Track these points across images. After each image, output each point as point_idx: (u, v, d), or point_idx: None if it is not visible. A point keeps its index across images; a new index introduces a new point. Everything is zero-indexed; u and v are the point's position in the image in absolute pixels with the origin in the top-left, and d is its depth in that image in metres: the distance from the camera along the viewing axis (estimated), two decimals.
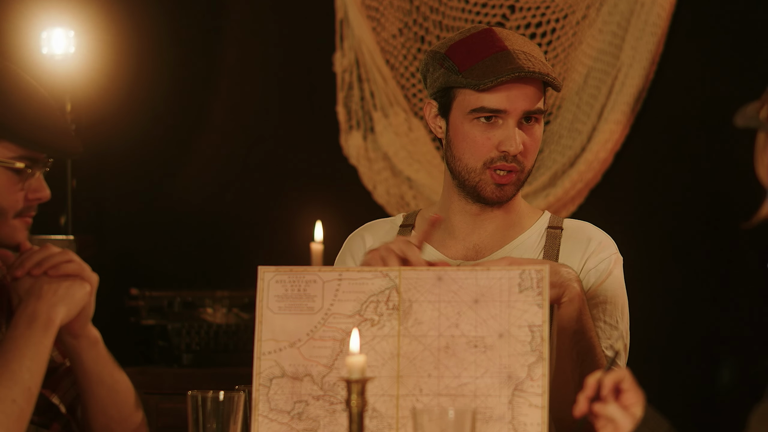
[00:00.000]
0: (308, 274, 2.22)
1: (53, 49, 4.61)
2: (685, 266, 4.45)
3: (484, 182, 2.52)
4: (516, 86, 2.48)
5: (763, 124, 1.74)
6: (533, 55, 2.51)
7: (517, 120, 2.50)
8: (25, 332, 2.16)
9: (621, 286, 2.57)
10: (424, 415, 1.90)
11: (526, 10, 4.64)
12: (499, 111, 2.49)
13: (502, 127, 2.50)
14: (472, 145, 2.51)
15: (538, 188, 4.57)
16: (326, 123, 4.78)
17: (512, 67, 2.46)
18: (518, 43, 2.53)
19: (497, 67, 2.47)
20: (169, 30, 4.90)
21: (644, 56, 4.47)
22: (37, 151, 2.25)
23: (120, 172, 4.92)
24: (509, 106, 2.49)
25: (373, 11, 4.73)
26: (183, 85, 4.91)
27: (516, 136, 2.49)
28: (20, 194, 2.25)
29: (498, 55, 2.49)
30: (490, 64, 2.48)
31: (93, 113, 4.77)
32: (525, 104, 2.49)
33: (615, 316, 2.54)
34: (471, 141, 2.51)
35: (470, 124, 2.51)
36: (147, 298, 4.56)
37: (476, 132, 2.51)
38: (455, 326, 2.15)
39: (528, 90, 2.50)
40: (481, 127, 2.51)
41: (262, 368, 2.19)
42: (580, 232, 2.59)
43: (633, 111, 4.51)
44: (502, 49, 2.50)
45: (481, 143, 2.51)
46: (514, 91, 2.48)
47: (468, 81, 2.49)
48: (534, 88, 2.50)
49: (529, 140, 2.52)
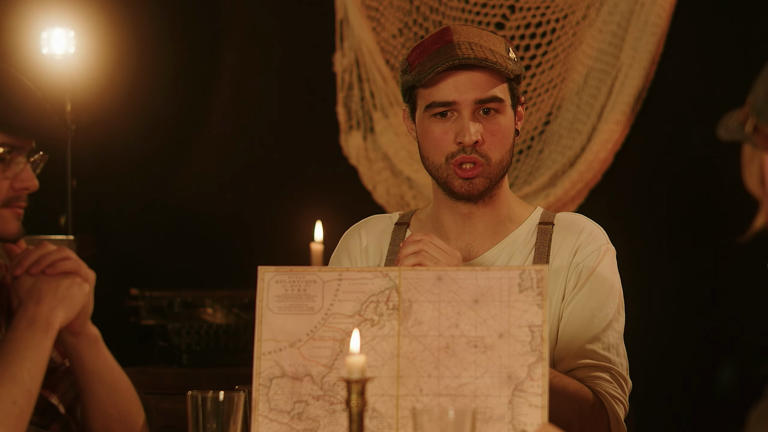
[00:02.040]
0: (308, 274, 2.22)
1: (53, 49, 4.61)
2: (685, 266, 4.45)
3: (451, 177, 2.54)
4: (462, 76, 2.50)
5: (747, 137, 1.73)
6: (480, 45, 2.51)
7: (471, 111, 2.51)
8: (25, 334, 2.16)
9: (612, 276, 2.56)
10: (424, 415, 1.90)
11: (526, 10, 4.64)
12: (450, 103, 2.51)
13: (457, 119, 2.52)
14: (432, 142, 2.54)
15: (538, 188, 4.57)
16: (326, 123, 4.78)
17: (447, 57, 2.48)
18: (469, 35, 2.54)
19: (436, 59, 2.50)
20: (169, 30, 4.90)
21: (644, 56, 4.47)
22: (19, 137, 2.23)
23: (120, 172, 4.92)
24: (458, 96, 2.50)
25: (373, 11, 4.73)
26: (183, 85, 4.91)
27: (469, 126, 2.50)
28: (5, 182, 2.23)
29: (441, 49, 2.51)
30: (431, 58, 2.51)
31: (93, 113, 4.77)
32: (474, 93, 2.50)
33: (606, 309, 2.53)
34: (431, 137, 2.54)
35: (429, 120, 2.54)
36: (147, 298, 4.56)
37: (435, 128, 2.54)
38: (455, 326, 2.15)
39: (476, 78, 2.50)
40: (438, 123, 2.53)
41: (262, 368, 2.19)
42: (571, 225, 2.59)
43: (633, 111, 4.51)
44: (447, 42, 2.52)
45: (439, 138, 2.53)
46: (461, 81, 2.50)
47: (414, 77, 2.53)
48: (484, 75, 2.51)
49: (489, 131, 2.52)
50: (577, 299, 2.53)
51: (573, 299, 2.52)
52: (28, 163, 2.27)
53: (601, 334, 2.51)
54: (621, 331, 2.55)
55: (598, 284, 2.53)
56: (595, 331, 2.51)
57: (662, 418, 4.43)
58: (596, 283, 2.53)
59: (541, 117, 4.62)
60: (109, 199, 4.96)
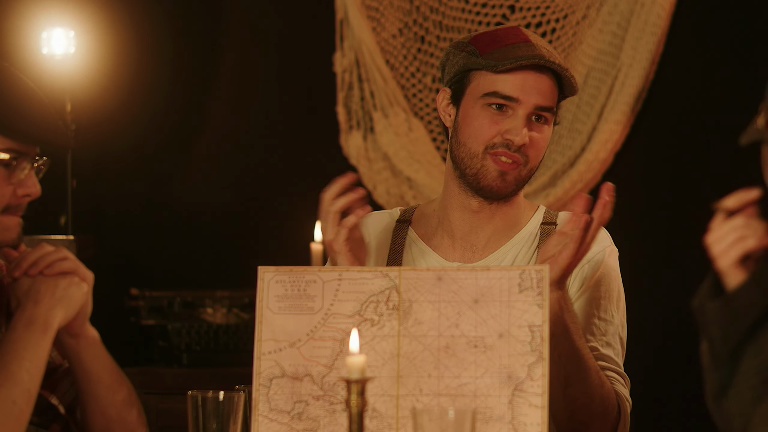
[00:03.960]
0: (308, 274, 2.22)
1: (53, 49, 4.61)
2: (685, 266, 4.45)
3: (486, 168, 2.50)
4: (532, 76, 2.48)
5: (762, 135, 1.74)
6: (554, 54, 2.52)
7: (527, 113, 2.49)
8: (24, 335, 2.16)
9: (616, 279, 2.56)
10: (424, 415, 1.90)
11: (526, 10, 4.64)
12: (511, 99, 2.48)
13: (512, 117, 2.49)
14: (478, 129, 2.50)
15: (538, 188, 4.58)
16: (326, 123, 4.78)
17: (533, 54, 2.47)
18: (542, 40, 2.55)
19: (518, 52, 2.48)
20: (169, 30, 4.90)
21: (644, 56, 4.47)
22: (25, 144, 2.23)
23: (120, 172, 4.92)
24: (522, 95, 2.48)
25: (373, 11, 4.73)
26: (183, 85, 4.91)
27: (523, 127, 2.48)
28: (8, 189, 2.23)
29: (521, 44, 2.50)
30: (511, 49, 2.49)
31: (93, 113, 4.77)
32: (538, 97, 2.49)
33: (610, 310, 2.53)
34: (478, 125, 2.50)
35: (481, 108, 2.50)
36: (147, 298, 4.56)
37: (485, 116, 2.50)
38: (455, 326, 2.15)
39: (543, 83, 2.49)
40: (490, 113, 2.50)
41: (262, 368, 2.19)
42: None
43: (633, 111, 4.51)
44: (525, 40, 2.51)
45: (487, 128, 2.49)
46: (529, 81, 2.48)
47: (487, 62, 2.48)
48: (550, 83, 2.50)
49: (534, 138, 2.50)
50: (582, 300, 2.52)
51: (578, 300, 2.52)
52: (32, 169, 2.26)
53: (605, 335, 2.51)
54: (624, 333, 2.56)
55: (603, 285, 2.53)
56: (599, 332, 2.51)
57: (662, 418, 4.43)
58: (602, 284, 2.53)
59: None
60: (109, 199, 4.96)
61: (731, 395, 1.69)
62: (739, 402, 1.68)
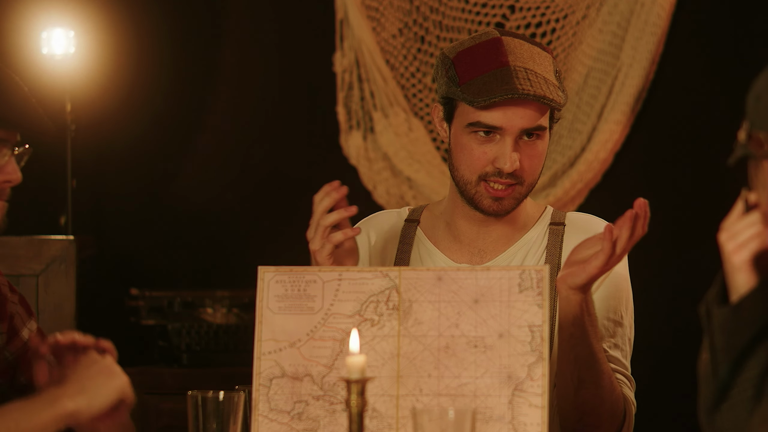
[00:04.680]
0: (308, 274, 2.22)
1: (53, 49, 4.60)
2: (686, 266, 4.45)
3: (480, 195, 2.50)
4: (513, 105, 2.45)
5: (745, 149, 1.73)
6: (536, 72, 2.47)
7: (514, 137, 2.46)
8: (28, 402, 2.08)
9: (625, 280, 2.56)
10: (424, 415, 1.90)
11: (526, 10, 4.64)
12: (496, 128, 2.46)
13: (499, 143, 2.47)
14: (468, 158, 2.49)
15: (538, 188, 4.58)
16: (326, 123, 4.78)
17: (507, 88, 2.43)
18: (523, 57, 2.49)
19: (493, 85, 2.44)
20: (169, 30, 4.89)
21: (644, 56, 4.47)
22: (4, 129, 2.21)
23: (120, 172, 4.92)
24: (506, 123, 2.45)
25: (373, 11, 4.73)
26: (183, 85, 4.91)
27: (510, 154, 2.45)
28: None
29: (497, 72, 2.46)
30: (487, 80, 2.45)
31: (93, 113, 4.77)
32: (522, 122, 2.46)
33: (619, 311, 2.53)
34: (468, 153, 2.49)
35: (468, 136, 2.49)
36: (147, 298, 4.56)
37: (473, 145, 2.49)
38: (455, 326, 2.15)
39: (526, 109, 2.46)
40: (478, 141, 2.48)
41: (262, 368, 2.19)
42: (584, 227, 2.56)
43: (633, 111, 4.51)
44: (503, 65, 2.46)
45: (477, 157, 2.48)
46: (511, 109, 2.45)
47: (464, 96, 2.46)
48: (534, 106, 2.46)
49: (528, 156, 2.48)
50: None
51: None
52: (13, 156, 2.25)
53: (613, 336, 2.51)
54: (631, 335, 2.56)
55: (613, 286, 2.53)
56: (608, 333, 2.51)
57: (662, 418, 4.43)
58: (611, 285, 2.53)
59: None
60: (109, 199, 4.96)
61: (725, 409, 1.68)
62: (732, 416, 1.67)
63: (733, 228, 1.73)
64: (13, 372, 2.43)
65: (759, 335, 1.67)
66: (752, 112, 1.72)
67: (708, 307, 1.73)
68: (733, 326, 1.68)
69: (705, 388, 1.71)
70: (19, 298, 2.46)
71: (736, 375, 1.67)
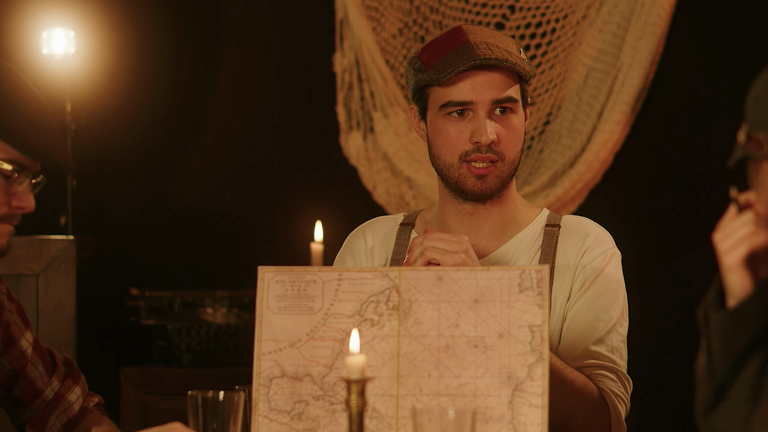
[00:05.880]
0: (308, 274, 2.22)
1: (53, 49, 4.60)
2: (686, 266, 4.45)
3: (464, 176, 2.54)
4: (479, 76, 2.51)
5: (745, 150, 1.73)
6: (496, 45, 2.53)
7: (487, 110, 2.52)
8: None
9: (617, 281, 2.57)
10: (424, 415, 1.90)
11: (526, 10, 4.64)
12: (467, 103, 2.51)
13: (473, 119, 2.52)
14: (446, 140, 2.54)
15: (538, 188, 4.58)
16: (326, 123, 4.78)
17: (469, 56, 2.49)
18: (483, 35, 2.55)
19: (455, 59, 2.50)
20: (169, 30, 4.90)
21: (644, 56, 4.47)
22: (28, 156, 2.23)
23: (120, 172, 4.92)
24: (475, 96, 2.51)
25: (373, 11, 4.73)
26: (183, 85, 4.91)
27: (486, 126, 2.51)
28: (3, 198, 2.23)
29: (458, 48, 2.52)
30: (449, 57, 2.51)
31: (93, 113, 4.77)
32: (491, 93, 2.51)
33: (608, 310, 2.54)
34: (445, 136, 2.54)
35: (443, 119, 2.54)
36: (147, 298, 4.56)
37: (449, 127, 2.53)
38: (455, 326, 2.15)
39: (493, 78, 2.51)
40: (453, 122, 2.53)
41: (262, 368, 2.19)
42: (577, 228, 2.59)
43: (633, 111, 4.51)
44: (463, 42, 2.53)
45: (454, 137, 2.53)
46: (478, 81, 2.51)
47: (431, 77, 2.52)
48: (501, 76, 2.52)
49: (505, 130, 2.53)
50: (582, 301, 2.53)
51: (578, 300, 2.53)
52: (30, 184, 2.27)
53: (605, 337, 2.52)
54: (624, 334, 2.56)
55: (603, 287, 2.54)
56: (599, 333, 2.51)
57: (662, 418, 4.43)
58: (602, 286, 2.54)
59: (541, 117, 4.62)
60: (109, 199, 4.96)
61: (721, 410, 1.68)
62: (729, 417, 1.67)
63: (727, 228, 1.73)
64: (11, 384, 2.43)
65: (756, 339, 1.67)
66: (751, 112, 1.73)
67: (706, 311, 1.73)
68: (731, 331, 1.68)
69: (702, 390, 1.72)
70: (16, 306, 2.46)
71: (732, 378, 1.67)
